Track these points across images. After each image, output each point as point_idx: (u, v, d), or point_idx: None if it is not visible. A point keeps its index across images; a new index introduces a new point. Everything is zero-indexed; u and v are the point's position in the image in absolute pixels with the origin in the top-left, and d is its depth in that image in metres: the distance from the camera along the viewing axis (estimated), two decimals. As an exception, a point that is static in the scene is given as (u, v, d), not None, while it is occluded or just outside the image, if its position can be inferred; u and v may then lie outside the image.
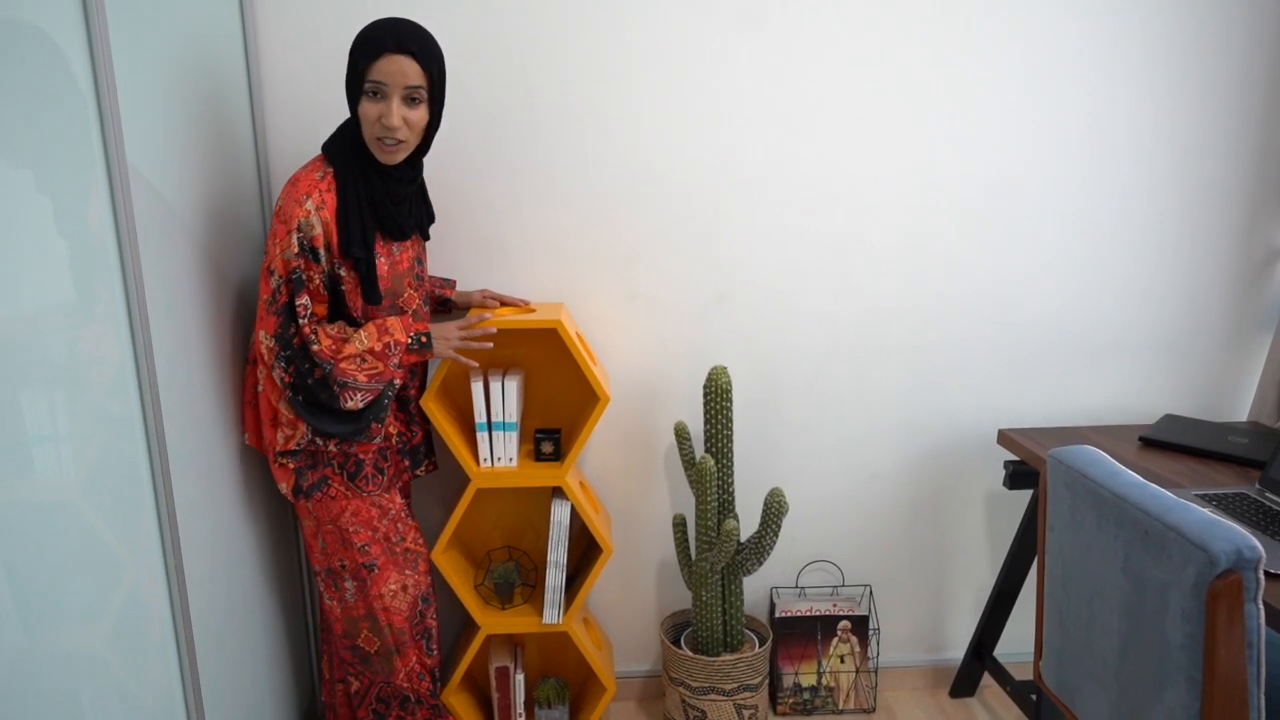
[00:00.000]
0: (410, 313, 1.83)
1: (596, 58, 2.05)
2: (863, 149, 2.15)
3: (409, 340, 1.75)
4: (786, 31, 2.07)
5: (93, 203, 1.31)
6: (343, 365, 1.68)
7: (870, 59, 2.09)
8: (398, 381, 1.78)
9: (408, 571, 1.90)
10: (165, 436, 1.48)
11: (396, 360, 1.73)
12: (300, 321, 1.66)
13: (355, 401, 1.71)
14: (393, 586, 1.88)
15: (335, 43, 1.99)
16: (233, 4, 1.88)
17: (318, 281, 1.67)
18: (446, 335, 1.80)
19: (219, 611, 1.70)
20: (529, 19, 2.02)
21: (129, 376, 1.39)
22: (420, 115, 1.66)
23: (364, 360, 1.70)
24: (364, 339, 1.71)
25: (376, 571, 1.85)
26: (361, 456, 1.82)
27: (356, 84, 1.64)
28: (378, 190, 1.70)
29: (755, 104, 2.10)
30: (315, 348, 1.66)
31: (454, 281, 2.12)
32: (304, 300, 1.66)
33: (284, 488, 1.79)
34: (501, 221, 2.13)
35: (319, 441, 1.75)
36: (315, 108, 2.02)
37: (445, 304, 2.07)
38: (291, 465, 1.77)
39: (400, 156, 1.68)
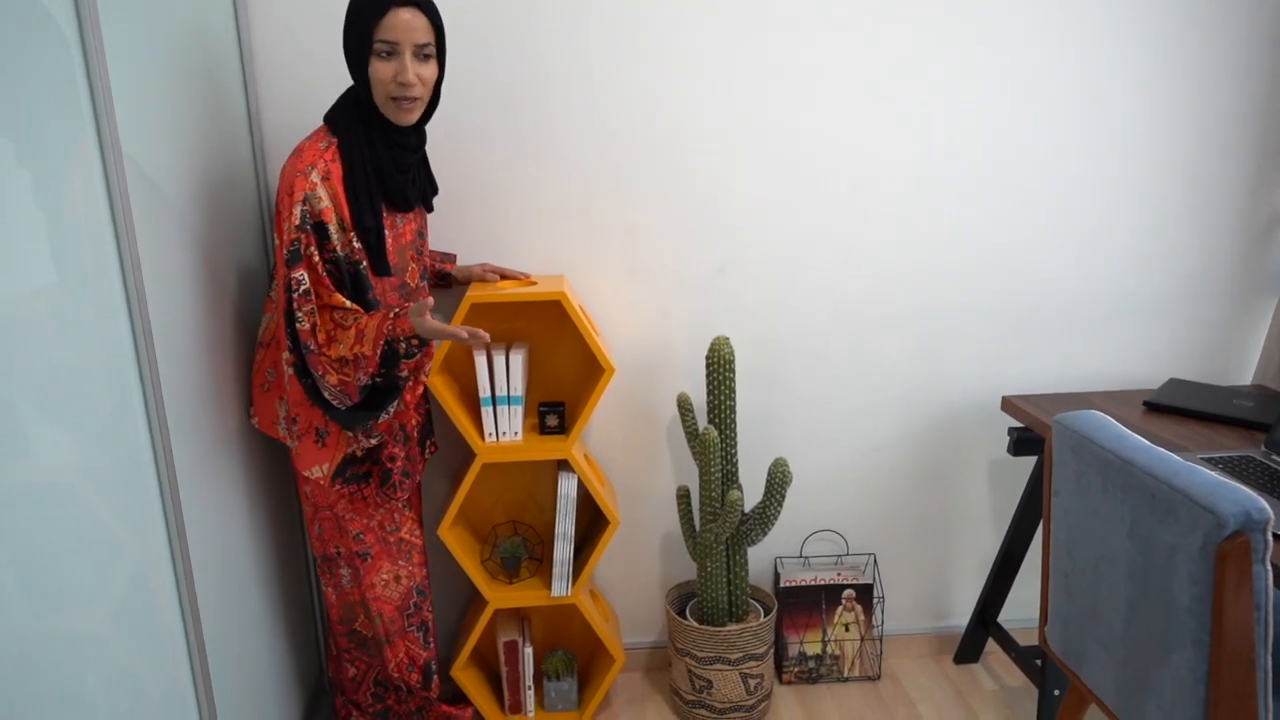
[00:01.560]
0: (401, 292, 1.76)
1: (599, 30, 2.02)
2: (863, 118, 2.12)
3: (378, 354, 1.58)
4: (789, 3, 2.04)
5: (87, 182, 1.29)
6: (321, 357, 1.60)
7: (870, 28, 2.06)
8: (404, 386, 1.70)
9: (400, 562, 1.89)
10: (166, 416, 1.47)
11: (364, 376, 1.61)
12: (292, 295, 1.58)
13: (331, 397, 1.64)
14: (384, 576, 1.87)
15: (327, 12, 1.96)
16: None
17: (317, 258, 1.59)
18: (429, 327, 1.59)
19: (224, 590, 1.71)
20: (524, -13, 1.99)
21: (128, 356, 1.38)
22: (431, 70, 1.63)
23: (344, 363, 1.60)
24: (345, 342, 1.59)
25: (370, 560, 1.84)
26: (389, 465, 1.80)
27: (362, 45, 1.58)
28: (383, 158, 1.65)
29: (755, 75, 2.08)
30: (300, 326, 1.59)
31: (454, 256, 2.10)
32: (299, 274, 1.58)
33: (321, 469, 1.73)
34: (501, 195, 2.11)
35: (371, 441, 1.75)
36: (310, 79, 1.99)
37: (445, 278, 2.05)
38: (351, 451, 1.75)
39: (417, 114, 1.65)
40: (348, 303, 1.62)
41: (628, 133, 2.09)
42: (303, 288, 1.59)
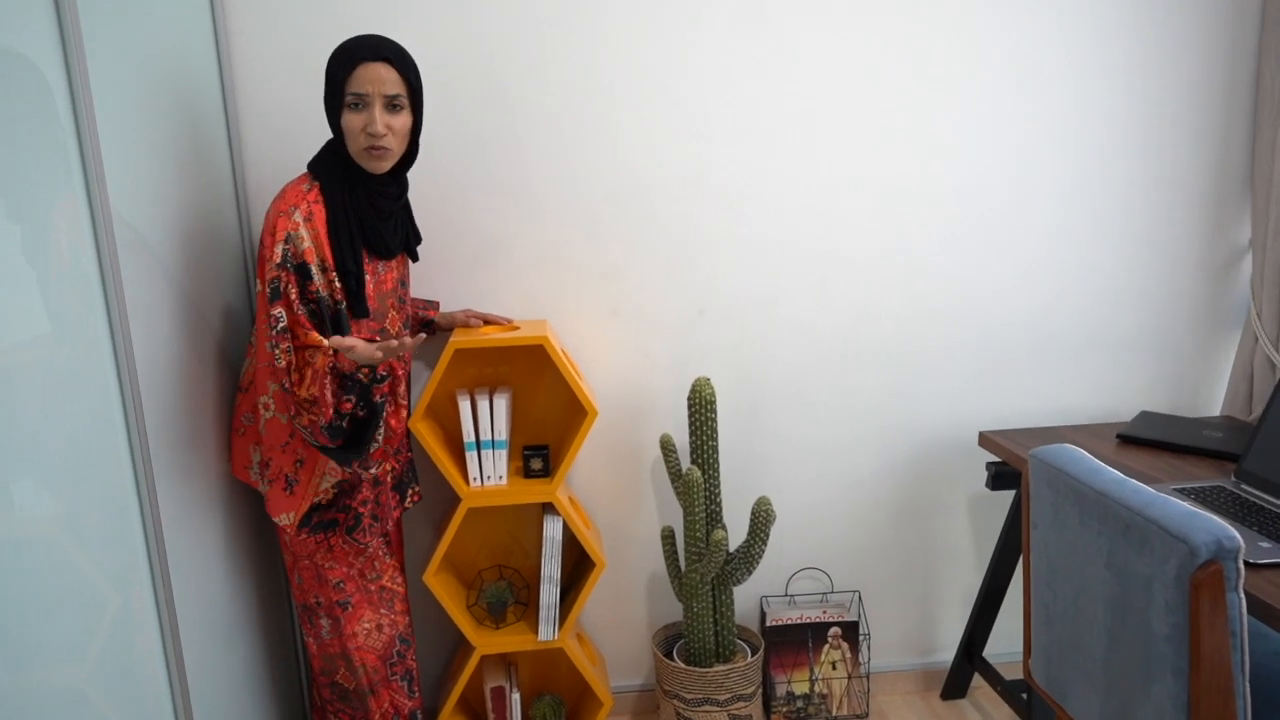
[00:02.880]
0: (380, 339, 1.76)
1: (577, 76, 2.07)
2: (839, 160, 2.18)
3: (326, 393, 1.59)
4: (766, 47, 2.10)
5: (75, 235, 1.31)
6: (292, 397, 1.62)
7: (847, 74, 2.13)
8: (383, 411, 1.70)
9: (383, 610, 1.87)
10: (152, 465, 1.47)
11: (321, 416, 1.61)
12: (272, 332, 1.61)
13: (307, 437, 1.65)
14: (366, 625, 1.85)
15: (309, 66, 2.00)
16: (208, 33, 1.89)
17: (295, 297, 1.62)
18: (371, 354, 1.59)
19: (209, 642, 1.69)
20: (509, 38, 2.04)
21: (115, 407, 1.39)
22: (403, 121, 1.66)
23: (307, 404, 1.61)
24: (306, 382, 1.60)
25: (350, 610, 1.83)
26: (360, 509, 1.78)
27: (336, 99, 1.63)
28: (364, 205, 1.68)
29: (734, 118, 2.13)
30: (277, 364, 1.61)
31: (437, 303, 2.13)
32: (278, 311, 1.61)
33: (288, 517, 1.73)
34: (483, 240, 2.14)
35: (349, 478, 1.74)
36: (292, 130, 2.02)
37: (429, 325, 2.07)
38: (318, 497, 1.74)
39: (388, 164, 1.68)
40: (323, 341, 1.63)
41: (607, 179, 2.13)
42: (280, 325, 1.62)
